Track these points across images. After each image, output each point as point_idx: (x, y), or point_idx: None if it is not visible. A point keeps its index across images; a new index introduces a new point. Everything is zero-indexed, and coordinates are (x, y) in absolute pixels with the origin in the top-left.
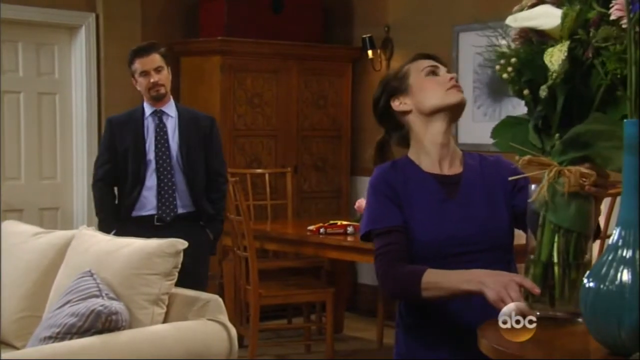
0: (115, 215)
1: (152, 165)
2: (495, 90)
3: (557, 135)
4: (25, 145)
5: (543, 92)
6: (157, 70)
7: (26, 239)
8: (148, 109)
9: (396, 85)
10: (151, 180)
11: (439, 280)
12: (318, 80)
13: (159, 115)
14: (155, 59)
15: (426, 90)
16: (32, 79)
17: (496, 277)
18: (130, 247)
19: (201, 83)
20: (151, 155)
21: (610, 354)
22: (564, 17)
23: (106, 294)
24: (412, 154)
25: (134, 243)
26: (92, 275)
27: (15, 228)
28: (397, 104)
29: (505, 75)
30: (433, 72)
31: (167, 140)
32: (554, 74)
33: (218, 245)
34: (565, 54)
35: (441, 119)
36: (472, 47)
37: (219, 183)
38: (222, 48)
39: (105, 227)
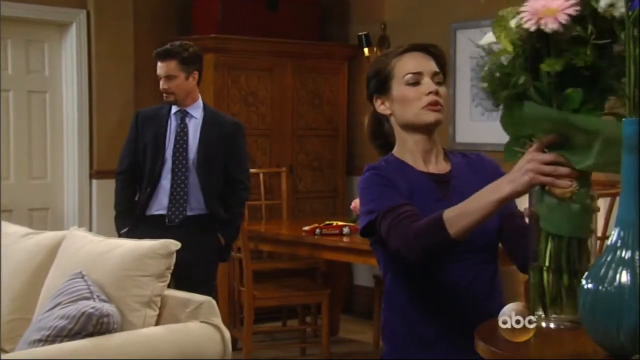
0: (132, 211)
1: (169, 164)
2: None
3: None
4: (15, 145)
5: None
6: (168, 77)
7: (15, 240)
8: (174, 108)
9: (379, 84)
10: (166, 179)
11: (461, 210)
12: (313, 78)
13: (181, 115)
14: (169, 66)
15: (403, 103)
16: (22, 77)
17: (515, 170)
18: (122, 248)
19: None
20: (168, 154)
21: (609, 356)
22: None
23: (97, 296)
24: (397, 153)
25: (126, 244)
26: (83, 276)
27: (4, 229)
28: (378, 104)
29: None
30: (415, 81)
31: (186, 141)
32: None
33: None
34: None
35: (419, 132)
36: (470, 45)
37: (237, 190)
38: (215, 46)
39: (120, 220)
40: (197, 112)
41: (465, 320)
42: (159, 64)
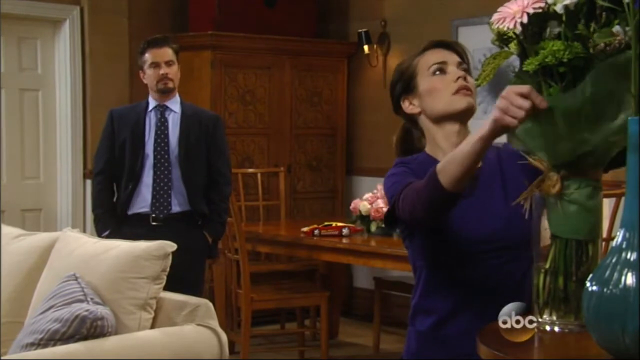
0: (112, 213)
1: (150, 160)
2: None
3: None
4: (7, 144)
5: None
6: (168, 63)
7: (7, 241)
8: (152, 103)
9: (404, 85)
10: (148, 175)
11: (449, 157)
12: (312, 76)
13: (161, 109)
14: (168, 52)
15: (432, 94)
16: (14, 75)
17: (494, 111)
18: (117, 249)
19: (191, 79)
20: (149, 150)
21: None
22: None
23: (91, 299)
24: (429, 150)
25: (121, 245)
26: (76, 279)
27: None
28: (406, 105)
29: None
30: (441, 70)
31: (167, 135)
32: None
33: None
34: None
35: (451, 122)
36: (472, 42)
37: (221, 184)
38: (212, 43)
39: (100, 223)
40: (175, 106)
41: (490, 319)
42: (155, 51)
